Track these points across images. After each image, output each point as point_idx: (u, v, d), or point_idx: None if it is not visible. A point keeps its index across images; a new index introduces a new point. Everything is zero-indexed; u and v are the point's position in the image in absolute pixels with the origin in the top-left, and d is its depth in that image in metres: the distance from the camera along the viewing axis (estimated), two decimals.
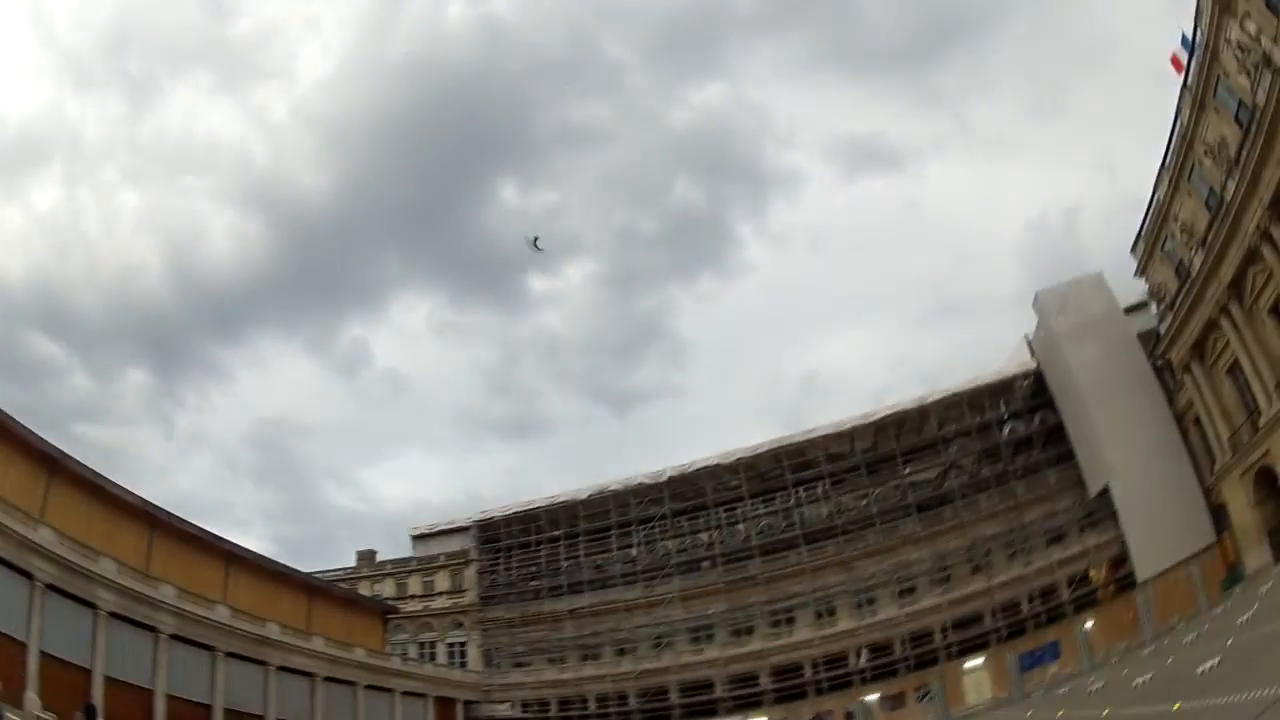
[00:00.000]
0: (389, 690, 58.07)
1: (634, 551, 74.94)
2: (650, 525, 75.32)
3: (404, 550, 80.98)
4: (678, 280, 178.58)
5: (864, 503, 71.90)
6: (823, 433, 73.89)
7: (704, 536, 74.75)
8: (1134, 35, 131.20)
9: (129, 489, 46.17)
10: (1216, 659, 18.55)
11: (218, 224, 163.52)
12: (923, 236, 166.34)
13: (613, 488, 76.08)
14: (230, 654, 46.93)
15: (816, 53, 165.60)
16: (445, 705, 62.54)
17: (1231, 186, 45.50)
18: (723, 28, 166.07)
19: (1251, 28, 41.81)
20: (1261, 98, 40.82)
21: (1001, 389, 70.41)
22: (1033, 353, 68.85)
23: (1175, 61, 49.85)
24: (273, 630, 50.27)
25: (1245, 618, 25.96)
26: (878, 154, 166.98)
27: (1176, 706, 15.10)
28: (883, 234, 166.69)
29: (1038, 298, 66.13)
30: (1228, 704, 14.42)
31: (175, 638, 43.62)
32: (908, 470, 71.98)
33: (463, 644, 73.22)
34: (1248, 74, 42.47)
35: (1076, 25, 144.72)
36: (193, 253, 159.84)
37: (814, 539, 71.71)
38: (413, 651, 69.79)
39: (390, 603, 69.91)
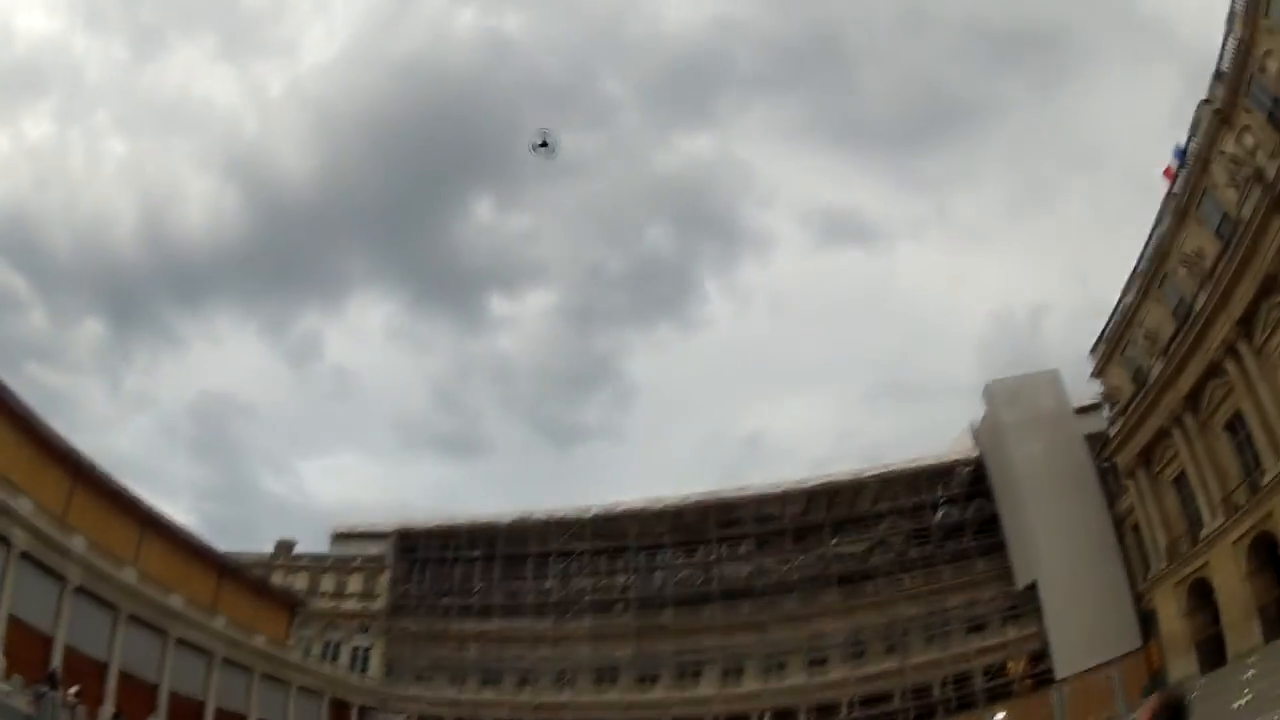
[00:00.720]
0: (286, 683, 56.24)
1: (549, 584, 73.54)
2: (568, 560, 74.10)
3: (324, 547, 79.02)
4: (636, 324, 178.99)
5: (786, 568, 71.43)
6: (754, 493, 73.26)
7: (620, 579, 73.73)
8: (1128, 145, 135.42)
9: (59, 433, 44.46)
10: None
11: (196, 189, 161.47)
12: (886, 314, 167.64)
13: (536, 517, 74.66)
14: (132, 617, 45.08)
15: (809, 119, 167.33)
16: (341, 707, 60.63)
17: (1203, 298, 45.74)
18: (722, 80, 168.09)
19: (1249, 141, 42.25)
20: (1247, 211, 41.13)
21: (940, 473, 70.34)
22: (976, 441, 68.98)
23: (1169, 172, 50.22)
24: (176, 602, 48.31)
25: None
26: (853, 228, 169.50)
27: None
28: (846, 306, 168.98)
29: (988, 388, 66.42)
30: None
31: (81, 590, 41.78)
32: (835, 541, 71.51)
33: (367, 649, 71.16)
34: (1237, 187, 42.81)
35: (1073, 128, 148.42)
36: (167, 213, 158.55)
37: (731, 597, 70.93)
38: (316, 649, 67.64)
39: (300, 596, 68.09)
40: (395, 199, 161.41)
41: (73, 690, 35.82)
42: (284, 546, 76.04)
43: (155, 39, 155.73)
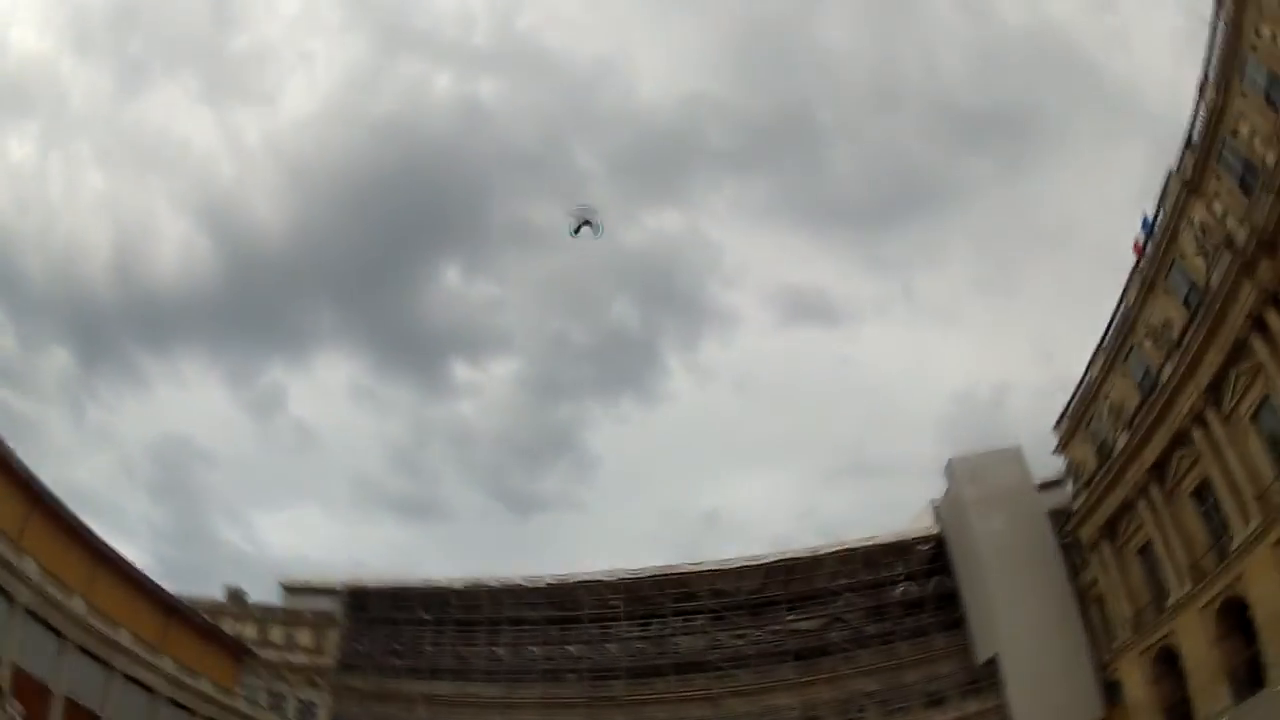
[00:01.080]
0: None
1: (500, 650, 72.24)
2: (521, 627, 72.86)
3: (274, 598, 77.25)
4: (598, 396, 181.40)
5: (741, 642, 70.56)
6: (710, 567, 72.66)
7: (573, 649, 72.44)
8: (1096, 223, 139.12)
9: (20, 458, 43.65)
10: None
11: (170, 229, 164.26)
12: (849, 392, 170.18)
13: (489, 583, 73.38)
14: (80, 647, 43.92)
15: (778, 198, 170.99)
16: None
17: (1169, 368, 46.37)
18: (693, 158, 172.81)
19: (1218, 208, 43.05)
20: (1216, 279, 41.84)
21: (900, 549, 70.17)
22: (937, 517, 68.98)
23: (1137, 247, 51.04)
24: (124, 637, 47.07)
25: None
26: (818, 307, 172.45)
27: None
28: (809, 384, 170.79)
29: (950, 464, 66.65)
30: None
31: (30, 613, 40.76)
32: (791, 616, 70.88)
33: (314, 704, 69.41)
34: (1205, 255, 43.57)
35: (1040, 206, 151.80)
36: (140, 250, 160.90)
37: (684, 670, 69.85)
38: (262, 700, 65.95)
39: (249, 645, 66.56)
40: (365, 258, 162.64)
41: (20, 712, 34.97)
42: (234, 595, 74.49)
43: (141, 73, 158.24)
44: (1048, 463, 63.39)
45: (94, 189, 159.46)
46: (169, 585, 57.18)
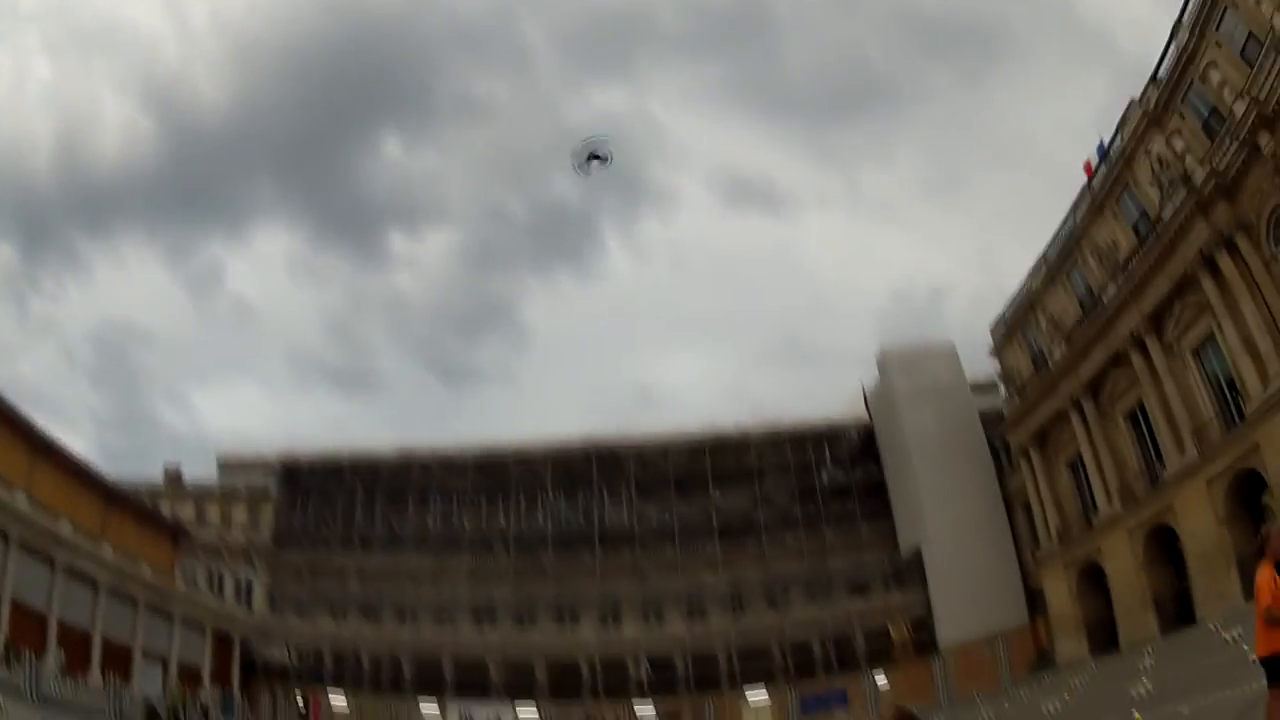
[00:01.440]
0: (169, 614, 54.78)
1: (430, 520, 72.66)
2: (450, 497, 73.25)
3: (212, 476, 77.11)
4: (535, 269, 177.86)
5: (667, 517, 71.59)
6: (638, 440, 73.44)
7: (501, 519, 72.90)
8: (1049, 144, 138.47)
9: None
10: None
11: (114, 113, 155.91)
12: (787, 278, 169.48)
13: (419, 453, 73.37)
14: (22, 545, 43.32)
15: (727, 85, 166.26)
16: (223, 640, 59.13)
17: (1112, 290, 47.18)
18: (642, 38, 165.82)
19: (1178, 144, 43.37)
20: (1169, 212, 42.38)
21: (828, 435, 71.45)
22: (868, 406, 70.15)
23: (1089, 169, 51.27)
24: (65, 529, 46.41)
25: (1054, 706, 25.65)
26: (761, 193, 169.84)
27: None
28: (747, 268, 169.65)
29: (883, 354, 67.53)
30: None
31: None
32: (717, 493, 71.77)
33: (250, 582, 69.62)
34: (1160, 187, 43.92)
35: (994, 121, 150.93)
36: (84, 138, 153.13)
37: (610, 542, 70.64)
38: (201, 580, 65.77)
39: (185, 526, 66.18)
40: (305, 131, 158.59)
41: None
42: (172, 475, 73.83)
43: None
44: (981, 367, 64.64)
45: (40, 80, 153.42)
46: (111, 472, 56.71)
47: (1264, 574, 9.38)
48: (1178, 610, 44.13)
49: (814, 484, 69.96)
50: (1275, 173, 36.89)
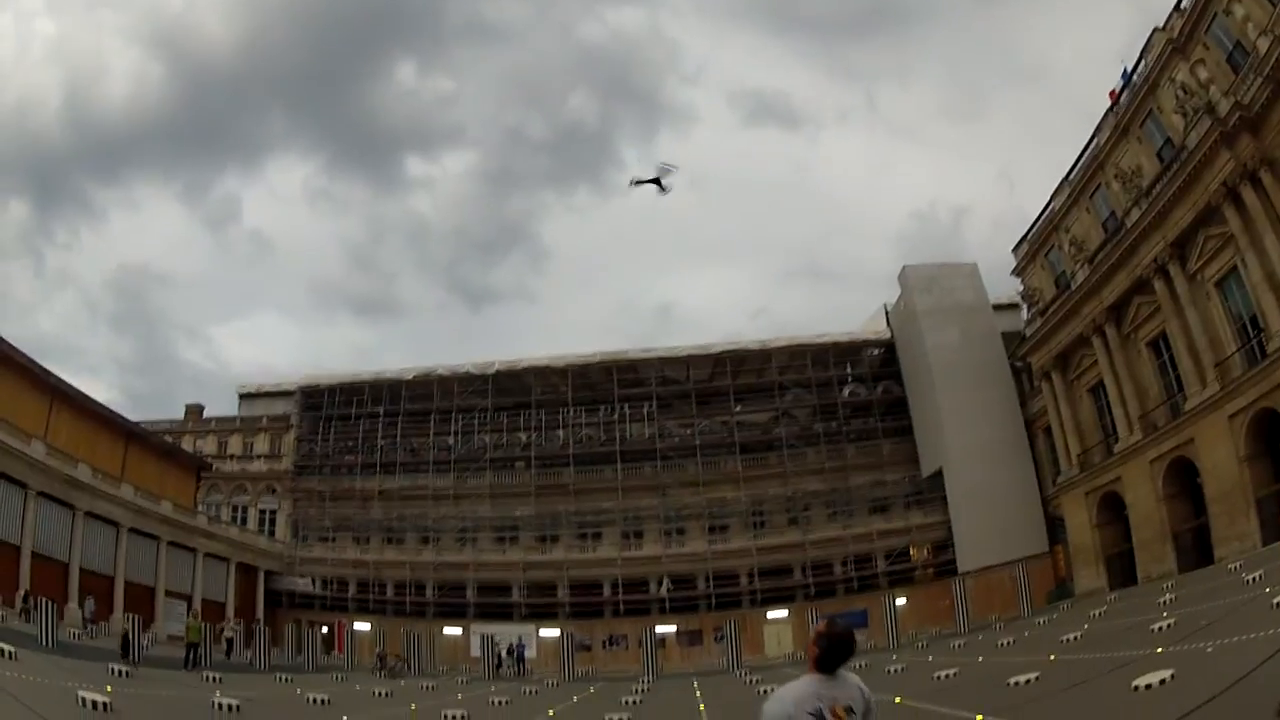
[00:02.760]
0: (192, 550, 55.42)
1: (450, 440, 72.63)
2: (470, 416, 73.25)
3: (234, 411, 77.62)
4: (553, 189, 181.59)
5: (688, 431, 71.58)
6: (659, 354, 73.21)
7: (522, 436, 72.95)
8: (1072, 68, 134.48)
9: None
10: (1035, 674, 17.36)
11: (121, 62, 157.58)
12: (806, 197, 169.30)
13: (439, 372, 73.58)
14: (41, 493, 43.68)
15: (743, 1, 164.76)
16: (247, 571, 60.21)
17: (1136, 214, 45.97)
18: None
19: (1203, 74, 41.88)
20: (1193, 140, 41.06)
21: (850, 350, 71.26)
22: (889, 323, 69.48)
23: (1113, 95, 49.79)
24: (84, 472, 46.82)
25: (1073, 636, 25.47)
26: (779, 110, 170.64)
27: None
28: (766, 186, 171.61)
29: (905, 272, 66.61)
30: None
31: None
32: (739, 408, 71.82)
33: (273, 511, 70.47)
34: (1184, 115, 42.54)
35: (1017, 43, 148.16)
36: (92, 89, 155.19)
37: (631, 459, 70.98)
38: (225, 513, 66.79)
39: (206, 459, 66.73)
40: (316, 62, 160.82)
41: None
42: (193, 411, 74.30)
43: None
44: (1004, 289, 63.62)
45: (45, 37, 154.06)
46: (135, 416, 57.15)
47: None
48: (1197, 548, 43.74)
49: (835, 400, 69.76)
50: None
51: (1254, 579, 24.51)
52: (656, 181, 29.56)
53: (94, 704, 17.67)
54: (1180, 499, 45.55)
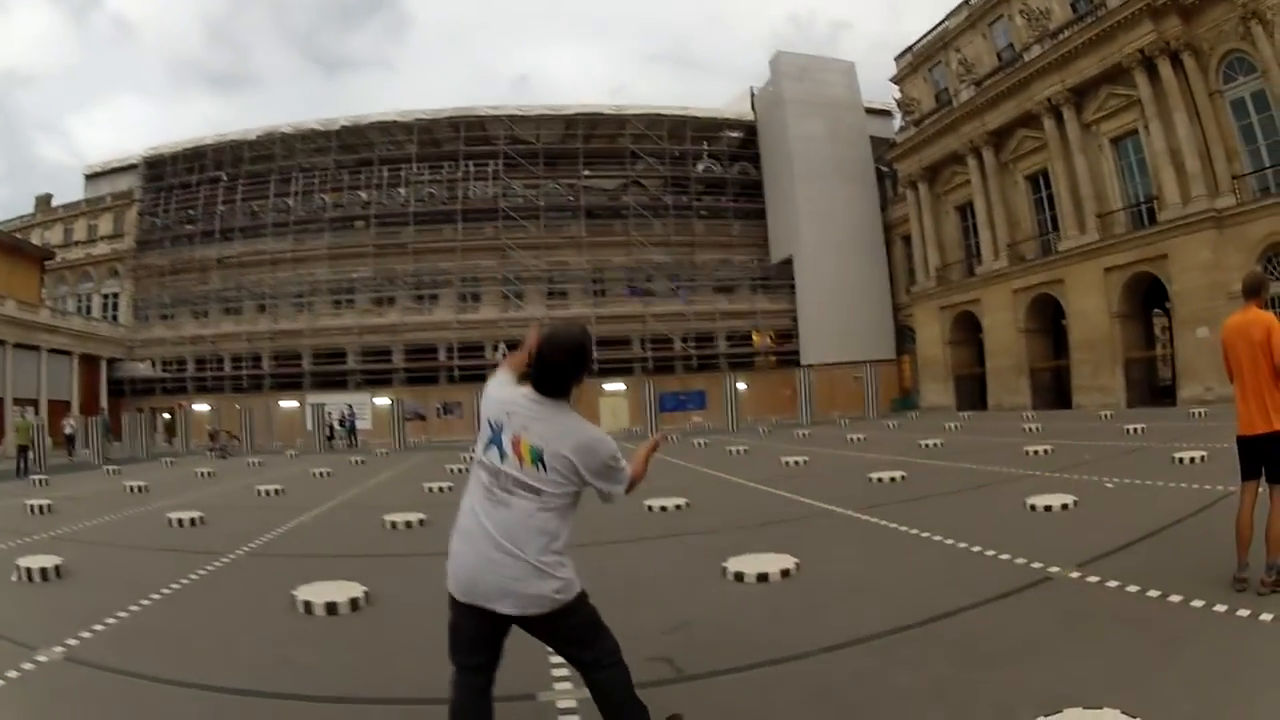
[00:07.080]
0: (36, 348, 52.00)
1: (290, 201, 68.83)
2: (312, 176, 69.18)
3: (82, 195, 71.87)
4: None
5: (534, 193, 69.53)
6: (509, 112, 69.96)
7: (363, 195, 69.69)
8: None
9: None
10: (900, 473, 16.41)
11: None
12: None
13: (283, 130, 69.18)
14: None
15: None
16: (90, 363, 57.05)
17: (1038, 50, 46.11)
18: None
19: None
20: (1115, 2, 41.07)
21: (710, 127, 70.18)
22: (754, 107, 68.33)
23: None
24: None
25: (934, 443, 25.37)
26: None
27: None
28: None
29: (778, 56, 65.39)
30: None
31: None
32: (587, 173, 70.20)
33: (116, 295, 66.38)
34: None
35: None
36: None
37: (473, 218, 68.56)
38: (71, 305, 62.79)
39: (50, 249, 61.81)
40: None
41: None
42: (41, 201, 68.27)
43: None
44: (878, 95, 63.06)
45: None
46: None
47: (1261, 320, 6.59)
48: (1055, 389, 46.28)
49: (688, 175, 69.08)
50: (1241, 22, 36.24)
51: (1136, 430, 24.26)
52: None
53: None
54: (1041, 335, 47.91)
